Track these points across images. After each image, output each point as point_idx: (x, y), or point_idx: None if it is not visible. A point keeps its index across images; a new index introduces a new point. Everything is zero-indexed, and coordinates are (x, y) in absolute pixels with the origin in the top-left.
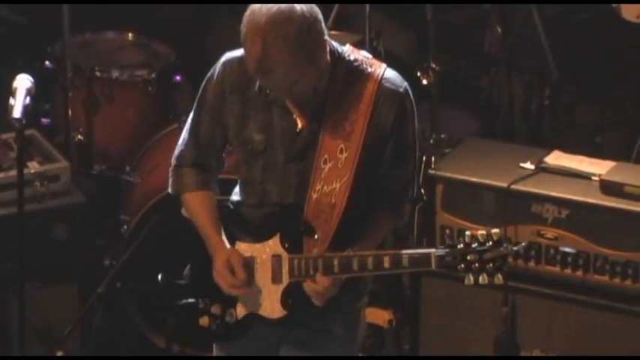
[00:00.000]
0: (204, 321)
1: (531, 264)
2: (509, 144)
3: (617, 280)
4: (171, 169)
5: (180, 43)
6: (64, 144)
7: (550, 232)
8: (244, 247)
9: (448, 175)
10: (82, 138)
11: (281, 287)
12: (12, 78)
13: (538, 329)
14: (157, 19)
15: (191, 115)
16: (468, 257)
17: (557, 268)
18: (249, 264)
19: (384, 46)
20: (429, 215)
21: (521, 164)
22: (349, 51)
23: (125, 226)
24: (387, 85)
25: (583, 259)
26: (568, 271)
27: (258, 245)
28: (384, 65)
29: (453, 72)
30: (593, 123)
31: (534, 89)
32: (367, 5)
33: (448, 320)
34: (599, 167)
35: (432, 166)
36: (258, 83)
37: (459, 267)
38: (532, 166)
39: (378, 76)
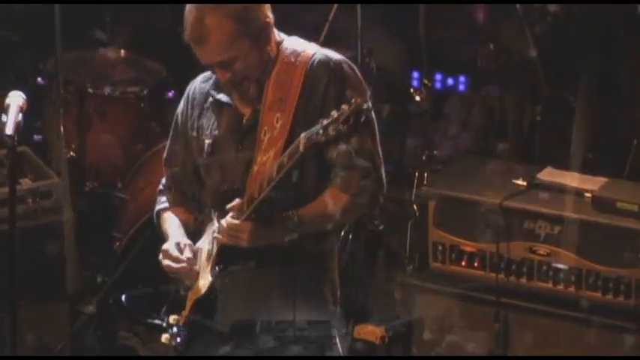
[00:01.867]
0: (165, 339)
1: (524, 280)
2: (501, 160)
3: (609, 297)
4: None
5: (171, 59)
6: (56, 161)
7: (542, 249)
8: (198, 245)
9: (440, 191)
10: (74, 155)
11: (212, 258)
12: (4, 94)
13: (530, 345)
14: (148, 36)
15: (167, 145)
16: (329, 128)
17: (549, 285)
18: (196, 254)
19: (376, 63)
20: (421, 231)
21: (514, 181)
22: (295, 40)
23: (117, 243)
24: (319, 56)
25: (575, 275)
26: (560, 287)
27: (205, 235)
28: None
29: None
30: (585, 139)
31: (526, 105)
32: (359, 22)
33: (440, 336)
34: (591, 183)
35: (425, 182)
36: (212, 85)
37: (322, 140)
38: (524, 183)
39: (312, 52)
